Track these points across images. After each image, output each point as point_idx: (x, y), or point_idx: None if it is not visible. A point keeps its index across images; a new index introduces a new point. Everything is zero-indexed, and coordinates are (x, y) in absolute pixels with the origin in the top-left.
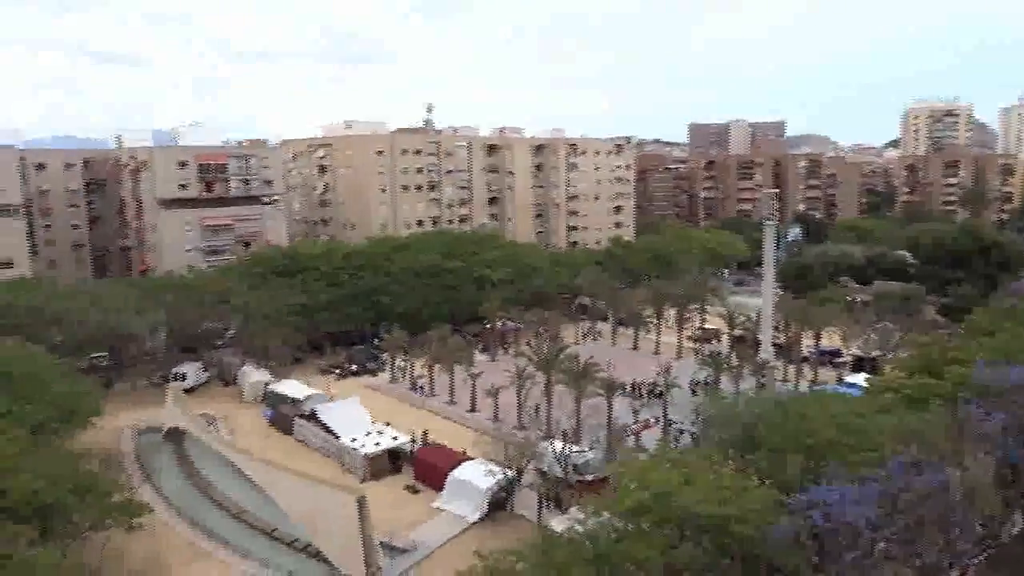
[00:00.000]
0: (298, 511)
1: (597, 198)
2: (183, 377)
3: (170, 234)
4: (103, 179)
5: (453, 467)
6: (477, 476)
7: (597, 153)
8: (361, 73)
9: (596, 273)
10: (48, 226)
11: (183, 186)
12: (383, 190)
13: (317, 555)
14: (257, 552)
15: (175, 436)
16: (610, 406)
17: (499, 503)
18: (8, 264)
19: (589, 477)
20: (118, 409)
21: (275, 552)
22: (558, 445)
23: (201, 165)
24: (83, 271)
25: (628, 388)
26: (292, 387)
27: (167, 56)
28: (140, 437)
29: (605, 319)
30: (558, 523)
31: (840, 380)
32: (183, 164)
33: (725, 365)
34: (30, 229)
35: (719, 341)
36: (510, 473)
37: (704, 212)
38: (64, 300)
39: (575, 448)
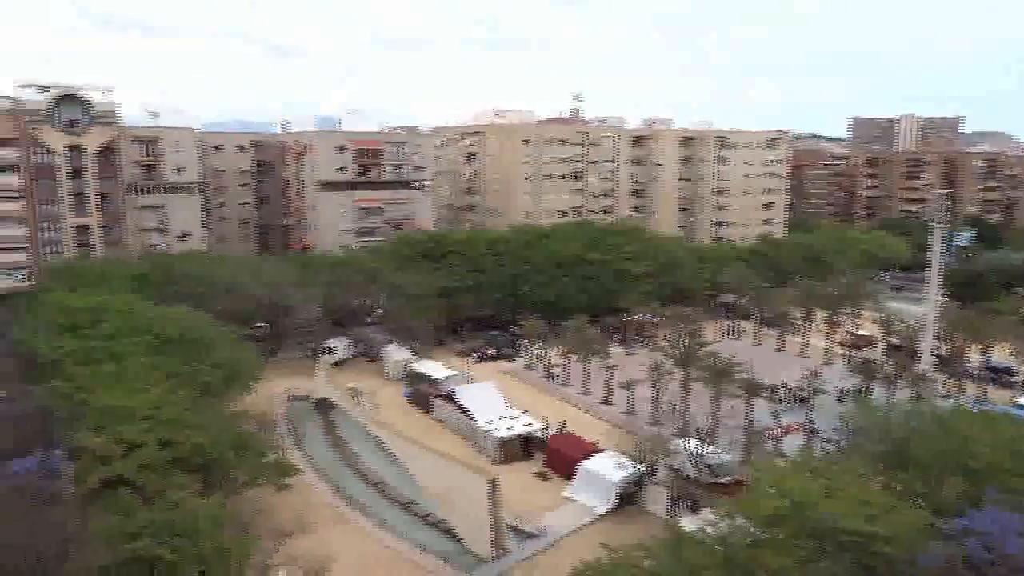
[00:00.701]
0: (433, 487)
1: (747, 193)
2: (333, 351)
3: (327, 214)
4: (270, 161)
5: (584, 457)
6: (608, 468)
7: (749, 146)
8: (510, 59)
9: (742, 270)
10: (221, 203)
11: (341, 169)
12: (527, 179)
13: (449, 531)
14: (392, 522)
15: (323, 406)
16: (750, 408)
17: (629, 497)
18: (186, 236)
19: (724, 479)
20: (274, 377)
21: (409, 524)
22: (693, 444)
23: (358, 150)
24: (248, 246)
25: (770, 390)
26: (432, 367)
27: (327, 46)
28: (292, 404)
29: (748, 318)
30: (689, 522)
31: (1014, 402)
32: (342, 149)
33: (878, 374)
34: (205, 205)
35: (872, 348)
36: (641, 468)
37: (864, 211)
38: (231, 272)
39: (710, 448)
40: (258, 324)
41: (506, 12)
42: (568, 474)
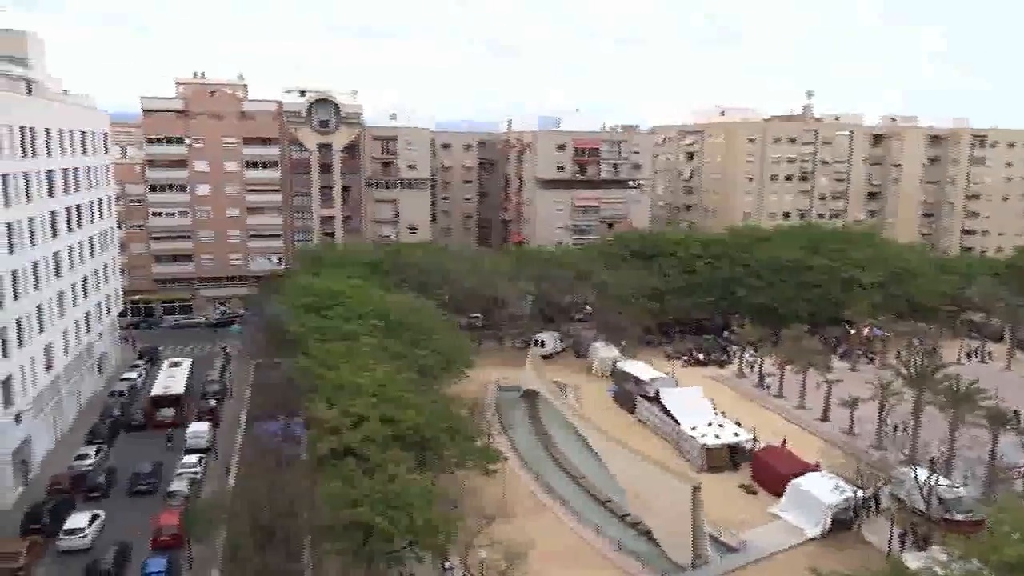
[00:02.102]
0: (632, 488)
1: (1006, 199)
2: (542, 344)
3: (543, 211)
4: (493, 159)
5: (796, 474)
6: (822, 489)
7: (1011, 146)
8: (733, 55)
9: (993, 285)
10: (446, 198)
11: (560, 167)
12: (750, 179)
13: (647, 533)
14: (590, 517)
15: (530, 397)
16: (995, 439)
17: (844, 523)
18: (414, 228)
19: (958, 516)
20: (485, 365)
21: (607, 521)
22: (922, 474)
23: (577, 149)
24: (469, 239)
25: (1020, 422)
26: (638, 367)
27: (546, 45)
28: (501, 393)
29: (1000, 339)
30: (913, 559)
31: None
32: (561, 147)
33: None
34: (433, 200)
35: None
36: (861, 493)
37: None
38: (453, 263)
39: (944, 481)
40: (474, 314)
41: (730, 6)
42: (777, 490)
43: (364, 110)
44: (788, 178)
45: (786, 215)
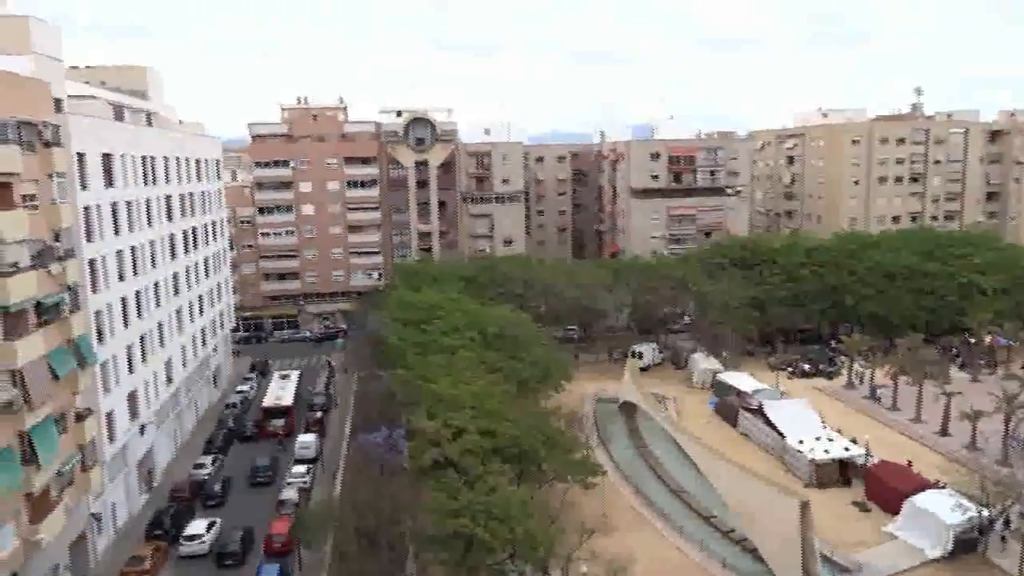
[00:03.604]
0: (736, 503)
1: None
2: (640, 356)
3: (638, 221)
4: (585, 170)
5: (914, 491)
6: (943, 508)
7: None
8: (835, 56)
9: None
10: (540, 211)
11: (654, 176)
12: (856, 182)
13: (752, 551)
14: (693, 532)
15: (628, 409)
16: None
17: (968, 544)
18: (510, 242)
19: None
20: (582, 377)
21: (710, 537)
22: None
23: (671, 157)
24: (564, 251)
25: None
26: (740, 379)
27: (642, 51)
28: (598, 405)
29: None
30: None
31: None
32: (655, 156)
33: None
34: (527, 213)
35: None
36: (986, 513)
37: None
38: (548, 275)
39: None
40: (570, 326)
41: (831, 5)
42: (893, 509)
43: (459, 126)
44: (897, 180)
45: (895, 219)
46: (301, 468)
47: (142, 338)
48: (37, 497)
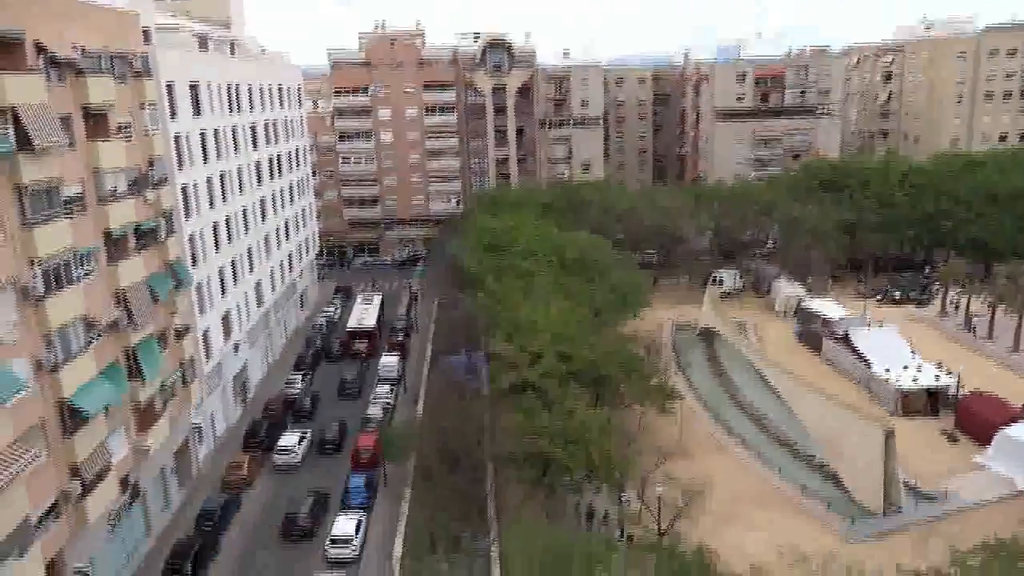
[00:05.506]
0: (819, 431)
1: None
2: (721, 282)
3: (722, 144)
4: (668, 93)
5: (1007, 423)
6: None
7: None
8: None
9: None
10: (620, 134)
11: (739, 98)
12: (959, 100)
13: (834, 478)
14: (772, 459)
15: (708, 336)
16: None
17: None
18: (588, 166)
19: None
20: (661, 303)
21: (790, 464)
22: None
23: (758, 77)
24: (644, 175)
25: None
26: (826, 306)
27: None
28: (677, 332)
29: None
30: None
31: None
32: (742, 77)
33: None
34: (606, 136)
35: None
36: None
37: None
38: (628, 200)
39: None
40: (649, 251)
41: None
42: (984, 440)
43: (537, 50)
44: (1006, 96)
45: (1003, 137)
46: (385, 387)
47: (233, 262)
48: (144, 409)
